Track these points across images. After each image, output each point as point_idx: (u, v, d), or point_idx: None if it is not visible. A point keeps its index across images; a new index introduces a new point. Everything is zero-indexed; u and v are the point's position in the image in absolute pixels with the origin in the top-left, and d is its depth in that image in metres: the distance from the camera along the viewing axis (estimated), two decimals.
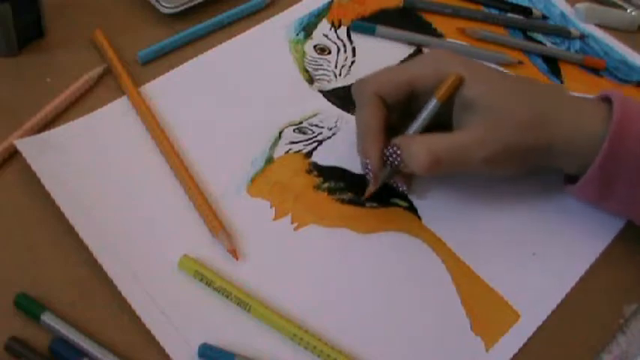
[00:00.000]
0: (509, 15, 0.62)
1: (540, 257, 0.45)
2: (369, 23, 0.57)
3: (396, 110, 0.44)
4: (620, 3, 0.64)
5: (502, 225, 0.46)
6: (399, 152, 0.42)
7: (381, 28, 0.56)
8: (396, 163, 0.42)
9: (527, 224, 0.46)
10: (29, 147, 0.43)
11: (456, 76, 0.42)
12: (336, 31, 0.56)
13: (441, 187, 0.47)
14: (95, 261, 0.39)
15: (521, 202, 0.47)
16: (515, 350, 0.40)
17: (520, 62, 0.57)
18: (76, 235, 0.40)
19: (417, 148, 0.41)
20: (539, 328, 0.41)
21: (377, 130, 0.43)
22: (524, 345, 0.41)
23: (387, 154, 0.42)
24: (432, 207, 0.46)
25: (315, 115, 0.50)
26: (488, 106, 0.42)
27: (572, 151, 0.42)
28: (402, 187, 0.45)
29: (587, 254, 0.45)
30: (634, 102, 0.43)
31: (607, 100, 0.44)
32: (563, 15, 0.63)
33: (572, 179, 0.45)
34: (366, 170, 0.43)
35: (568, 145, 0.42)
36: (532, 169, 0.45)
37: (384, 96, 0.43)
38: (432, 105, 0.43)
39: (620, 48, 0.61)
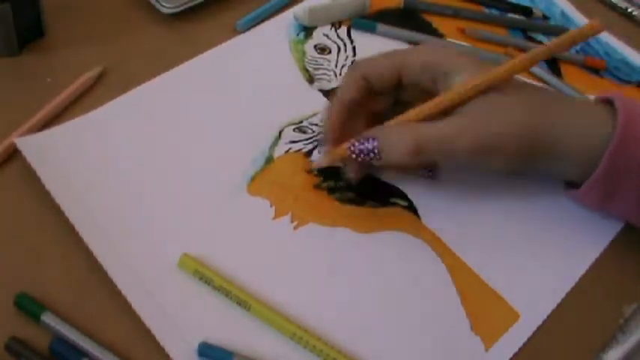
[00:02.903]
0: (510, 15, 0.62)
1: (540, 257, 0.45)
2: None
3: (386, 97, 0.45)
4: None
5: (502, 225, 0.46)
6: (375, 143, 0.40)
7: (381, 26, 0.56)
8: (371, 155, 0.40)
9: (527, 224, 0.46)
10: (29, 146, 0.43)
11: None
12: (336, 31, 0.56)
13: (441, 187, 0.47)
14: (95, 261, 0.39)
15: (521, 202, 0.47)
16: (515, 350, 0.40)
17: None
18: (76, 235, 0.40)
19: (398, 135, 0.40)
20: (539, 328, 0.41)
21: (345, 101, 0.43)
22: (524, 345, 0.40)
23: (360, 146, 0.41)
24: (432, 207, 0.46)
25: (315, 115, 0.50)
26: (481, 98, 0.41)
27: (571, 156, 0.42)
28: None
29: (587, 254, 0.45)
30: (635, 103, 0.42)
31: (607, 102, 0.43)
32: (564, 15, 0.63)
33: (573, 184, 0.45)
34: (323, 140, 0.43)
35: (567, 148, 0.41)
36: (526, 171, 0.44)
37: (372, 79, 0.43)
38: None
39: (621, 48, 0.61)
